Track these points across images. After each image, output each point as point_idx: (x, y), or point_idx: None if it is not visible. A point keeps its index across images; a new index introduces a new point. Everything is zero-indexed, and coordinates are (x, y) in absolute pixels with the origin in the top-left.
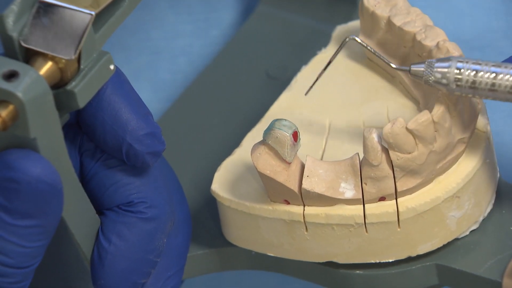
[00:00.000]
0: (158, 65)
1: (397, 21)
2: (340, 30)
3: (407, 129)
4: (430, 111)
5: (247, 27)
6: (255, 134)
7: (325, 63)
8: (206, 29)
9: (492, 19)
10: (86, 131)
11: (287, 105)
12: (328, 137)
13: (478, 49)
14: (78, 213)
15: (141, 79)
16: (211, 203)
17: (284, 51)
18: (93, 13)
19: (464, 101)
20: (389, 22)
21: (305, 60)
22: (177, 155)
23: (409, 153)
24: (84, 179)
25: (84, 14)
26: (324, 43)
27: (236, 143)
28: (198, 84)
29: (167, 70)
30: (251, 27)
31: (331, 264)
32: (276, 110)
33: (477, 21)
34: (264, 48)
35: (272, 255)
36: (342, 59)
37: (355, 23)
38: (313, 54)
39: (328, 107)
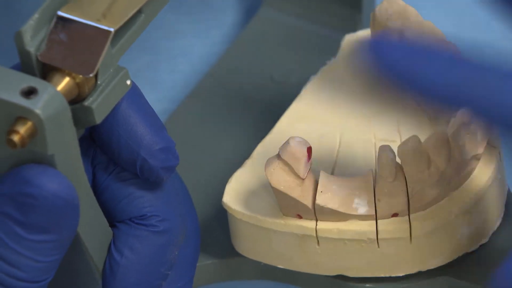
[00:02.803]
0: (158, 65)
1: (410, 35)
2: (349, 39)
3: (421, 147)
4: (443, 127)
5: (249, 30)
6: (265, 145)
7: (335, 73)
8: (207, 29)
9: (492, 19)
10: (101, 144)
11: (297, 117)
12: (339, 149)
13: (478, 49)
14: (92, 227)
15: (141, 79)
16: (220, 213)
17: (288, 54)
18: (112, 29)
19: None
20: (402, 36)
21: (309, 64)
22: (183, 162)
23: (423, 170)
24: (97, 191)
25: (103, 31)
26: (326, 47)
27: (244, 150)
28: (201, 88)
29: (167, 71)
30: (253, 30)
31: (341, 277)
32: (286, 121)
33: (477, 21)
34: (267, 51)
35: (281, 267)
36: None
37: (364, 32)
38: (317, 57)
39: (339, 119)
